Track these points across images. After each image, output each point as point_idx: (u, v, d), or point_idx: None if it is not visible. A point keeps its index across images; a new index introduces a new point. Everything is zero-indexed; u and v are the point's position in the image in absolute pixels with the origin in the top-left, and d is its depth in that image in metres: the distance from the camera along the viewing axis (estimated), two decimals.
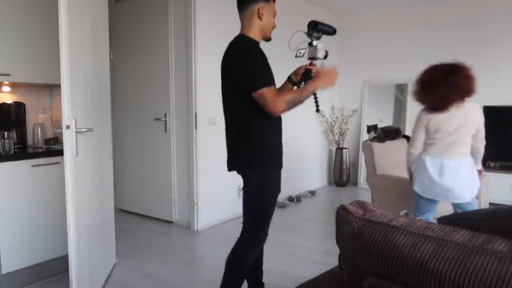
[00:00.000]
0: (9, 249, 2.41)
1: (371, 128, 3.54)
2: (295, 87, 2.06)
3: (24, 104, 2.96)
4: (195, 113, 3.63)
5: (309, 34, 1.97)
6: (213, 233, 3.64)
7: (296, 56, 2.02)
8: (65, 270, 2.44)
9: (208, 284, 2.60)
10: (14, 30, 2.65)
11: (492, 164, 4.61)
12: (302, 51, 1.97)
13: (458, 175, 2.35)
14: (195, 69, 3.59)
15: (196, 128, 3.65)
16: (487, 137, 4.95)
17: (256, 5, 1.88)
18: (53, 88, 3.24)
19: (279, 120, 1.96)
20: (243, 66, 1.79)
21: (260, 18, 1.90)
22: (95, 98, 2.48)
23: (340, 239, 0.98)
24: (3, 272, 2.39)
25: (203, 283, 2.62)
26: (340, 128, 5.71)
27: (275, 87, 1.90)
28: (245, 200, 1.93)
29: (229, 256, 1.97)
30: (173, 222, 3.91)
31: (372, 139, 3.53)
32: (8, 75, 2.63)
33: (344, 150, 5.65)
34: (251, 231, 1.94)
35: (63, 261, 2.50)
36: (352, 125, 5.76)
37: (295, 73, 2.11)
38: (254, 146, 1.85)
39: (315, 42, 1.98)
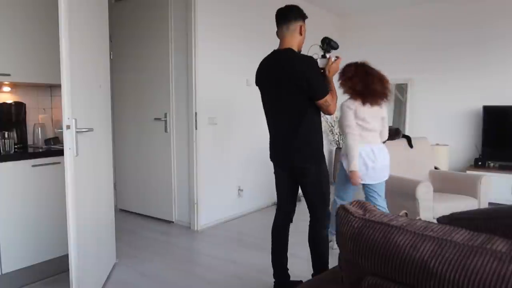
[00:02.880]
0: (9, 249, 2.41)
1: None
2: None
3: (25, 104, 2.97)
4: (195, 113, 3.63)
5: (324, 48, 2.32)
6: (213, 233, 3.64)
7: None
8: (65, 270, 2.44)
9: (208, 284, 2.60)
10: (14, 30, 2.65)
11: (492, 164, 4.61)
12: (318, 62, 2.25)
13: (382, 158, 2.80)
14: (195, 69, 3.59)
15: (196, 128, 3.65)
16: (487, 137, 4.96)
17: (299, 23, 2.22)
18: (54, 88, 3.24)
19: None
20: (313, 78, 2.11)
21: (301, 34, 2.23)
22: (95, 98, 2.48)
23: (340, 239, 0.99)
24: (3, 272, 2.39)
25: (203, 283, 2.62)
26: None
27: None
28: (312, 188, 2.29)
29: (314, 239, 2.39)
30: (173, 222, 3.91)
31: None
32: (8, 75, 2.63)
33: None
34: (324, 211, 2.34)
35: (63, 261, 2.50)
36: None
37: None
38: (313, 143, 2.22)
39: (327, 55, 2.30)
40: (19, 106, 2.92)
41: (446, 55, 5.09)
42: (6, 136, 2.53)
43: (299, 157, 2.22)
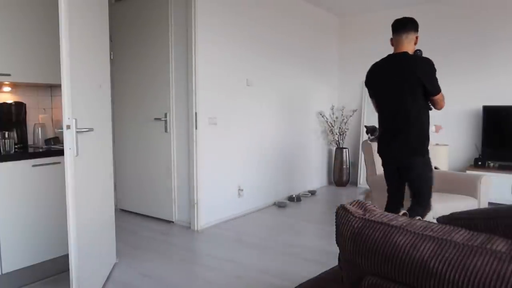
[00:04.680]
0: (9, 249, 2.41)
1: (369, 130, 3.53)
2: None
3: (25, 104, 2.97)
4: (195, 113, 3.63)
5: (421, 54, 2.68)
6: (213, 233, 3.64)
7: None
8: (65, 270, 2.44)
9: (208, 284, 2.60)
10: (14, 30, 2.65)
11: (492, 164, 4.61)
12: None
13: None
14: (195, 69, 3.59)
15: (196, 128, 3.65)
16: (487, 137, 4.95)
17: (416, 34, 2.61)
18: (54, 88, 3.24)
19: None
20: (433, 77, 2.45)
21: (415, 44, 2.60)
22: (96, 98, 2.48)
23: (340, 239, 0.99)
24: (3, 272, 2.39)
25: (203, 283, 2.62)
26: (340, 128, 5.71)
27: None
28: (417, 179, 2.54)
29: None
30: (173, 221, 3.91)
31: (372, 139, 3.53)
32: (8, 75, 2.63)
33: (344, 150, 5.65)
34: (427, 201, 2.56)
35: (63, 261, 2.51)
36: (352, 125, 5.76)
37: None
38: (426, 136, 2.51)
39: None
40: (19, 106, 2.93)
41: (445, 56, 5.10)
42: (6, 136, 2.53)
43: (411, 151, 2.50)
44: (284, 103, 4.83)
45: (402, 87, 2.48)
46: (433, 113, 2.62)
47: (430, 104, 2.57)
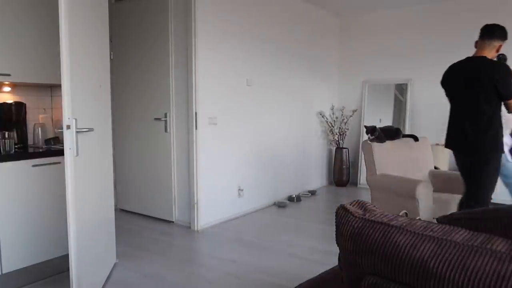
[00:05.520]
0: (9, 249, 2.41)
1: (369, 130, 3.53)
2: None
3: (25, 104, 2.97)
4: (195, 113, 3.63)
5: (504, 59, 2.82)
6: (213, 233, 3.64)
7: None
8: (65, 270, 2.44)
9: (208, 284, 2.60)
10: (14, 30, 2.65)
11: None
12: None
13: None
14: (195, 69, 3.59)
15: (196, 128, 3.65)
16: None
17: (500, 42, 2.66)
18: (54, 88, 3.24)
19: None
20: (508, 82, 2.53)
21: (496, 52, 2.68)
22: (96, 98, 2.48)
23: (340, 239, 0.99)
24: (3, 272, 2.39)
25: (203, 283, 2.62)
26: (340, 128, 5.71)
27: None
28: (489, 173, 2.66)
29: None
30: (173, 222, 3.91)
31: (372, 139, 3.53)
32: (8, 75, 2.63)
33: (344, 150, 5.65)
34: (488, 197, 2.70)
35: (63, 261, 2.51)
36: (352, 125, 5.76)
37: None
38: (499, 135, 2.62)
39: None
40: (19, 106, 2.93)
41: (446, 55, 5.09)
42: (6, 136, 2.53)
43: (488, 148, 2.60)
44: (284, 103, 4.83)
45: (478, 90, 2.58)
46: (435, 112, 2.64)
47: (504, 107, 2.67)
